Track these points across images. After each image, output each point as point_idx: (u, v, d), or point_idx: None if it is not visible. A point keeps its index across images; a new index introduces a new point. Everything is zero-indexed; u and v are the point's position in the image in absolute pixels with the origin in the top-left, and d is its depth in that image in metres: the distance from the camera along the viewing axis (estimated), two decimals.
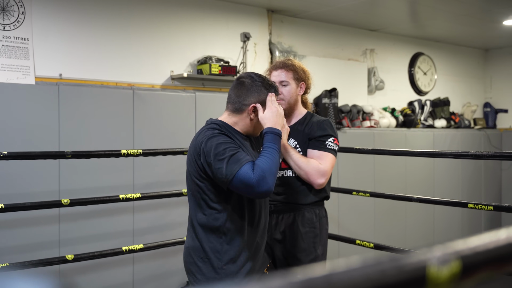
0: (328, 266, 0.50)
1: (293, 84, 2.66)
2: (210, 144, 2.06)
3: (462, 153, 3.56)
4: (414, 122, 6.57)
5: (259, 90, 2.20)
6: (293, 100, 2.67)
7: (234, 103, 2.23)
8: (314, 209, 2.63)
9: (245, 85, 2.21)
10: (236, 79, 2.30)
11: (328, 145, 2.56)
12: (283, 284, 0.46)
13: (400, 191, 5.49)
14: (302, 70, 2.69)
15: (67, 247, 3.82)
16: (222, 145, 2.05)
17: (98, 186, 3.98)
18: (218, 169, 2.02)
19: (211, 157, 2.04)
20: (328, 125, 2.62)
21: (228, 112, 2.25)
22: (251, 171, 1.98)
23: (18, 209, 3.26)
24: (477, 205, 3.30)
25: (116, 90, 4.24)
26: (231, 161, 2.00)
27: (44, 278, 0.39)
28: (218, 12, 4.97)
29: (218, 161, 2.02)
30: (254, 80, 2.22)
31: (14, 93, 3.74)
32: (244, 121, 2.21)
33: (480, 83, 8.03)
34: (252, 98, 2.19)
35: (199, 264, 2.16)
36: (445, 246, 0.58)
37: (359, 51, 6.35)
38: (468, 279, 0.59)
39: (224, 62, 4.79)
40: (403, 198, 4.13)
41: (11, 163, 3.52)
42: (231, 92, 2.26)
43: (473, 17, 5.95)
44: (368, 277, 0.51)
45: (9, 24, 3.79)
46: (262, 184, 1.97)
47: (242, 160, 2.01)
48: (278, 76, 2.66)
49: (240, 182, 1.99)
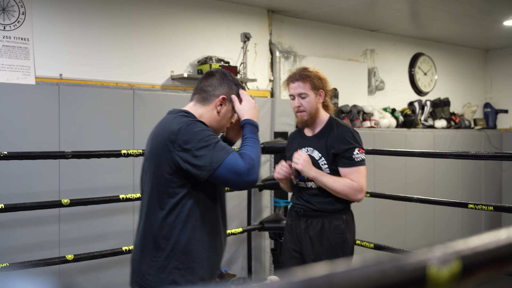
0: (328, 266, 0.50)
1: (312, 94, 2.68)
2: (191, 130, 1.91)
3: (462, 154, 3.57)
4: (415, 123, 6.57)
5: (230, 84, 2.12)
6: (314, 110, 2.70)
7: (202, 92, 2.10)
8: (341, 215, 2.70)
9: (216, 77, 2.12)
10: (206, 72, 2.20)
11: (356, 158, 2.62)
12: (284, 284, 0.46)
13: (400, 191, 5.49)
14: (318, 78, 2.71)
15: (67, 247, 3.82)
16: (205, 131, 1.93)
17: (98, 186, 3.98)
18: (201, 157, 1.88)
19: (191, 143, 1.89)
20: (349, 136, 2.66)
21: (193, 103, 2.11)
22: (240, 159, 1.90)
23: (18, 209, 3.26)
24: (477, 206, 3.30)
25: (116, 90, 4.25)
26: (217, 147, 1.90)
27: (44, 278, 0.39)
28: (219, 13, 4.97)
29: (201, 148, 1.88)
30: (226, 74, 2.14)
31: (14, 93, 3.74)
32: (211, 113, 2.08)
33: (480, 84, 8.03)
34: (222, 89, 2.09)
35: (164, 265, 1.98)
36: (445, 246, 0.58)
37: (360, 51, 6.35)
38: (469, 279, 0.59)
39: (225, 63, 4.79)
40: (403, 198, 4.13)
41: (12, 163, 3.52)
42: (199, 83, 2.14)
43: (473, 18, 5.95)
44: (368, 277, 0.51)
45: (9, 24, 3.79)
46: (251, 172, 1.90)
47: (227, 148, 1.92)
48: (296, 88, 2.69)
49: (228, 170, 1.88)
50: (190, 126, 1.93)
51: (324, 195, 2.68)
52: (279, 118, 5.10)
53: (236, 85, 2.14)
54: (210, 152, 1.88)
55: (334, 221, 2.68)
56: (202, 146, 1.89)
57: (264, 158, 4.99)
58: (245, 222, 4.92)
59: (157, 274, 1.98)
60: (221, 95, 2.08)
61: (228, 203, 4.74)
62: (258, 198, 5.02)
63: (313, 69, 2.75)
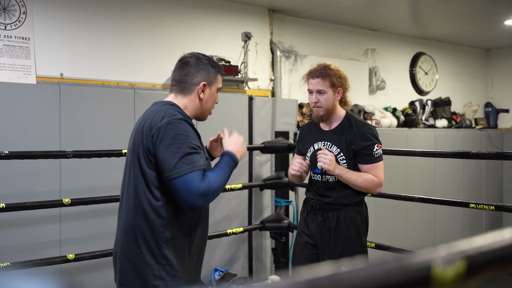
0: (333, 266, 0.50)
1: (330, 92, 2.72)
2: (171, 129, 1.89)
3: (463, 153, 3.56)
4: (415, 122, 6.57)
5: (207, 68, 2.07)
6: (331, 106, 2.74)
7: (180, 83, 2.07)
8: (356, 207, 2.77)
9: (191, 64, 2.07)
10: (179, 60, 2.13)
11: (375, 154, 2.71)
12: (289, 284, 0.45)
13: (401, 191, 5.48)
14: (338, 77, 2.75)
15: (68, 247, 3.82)
16: (182, 137, 1.89)
17: (99, 186, 3.98)
18: (166, 160, 1.86)
19: (164, 141, 1.88)
20: (369, 132, 2.72)
21: (174, 95, 2.08)
22: (199, 180, 1.85)
23: (19, 209, 3.26)
24: (478, 205, 3.30)
25: (117, 89, 4.24)
26: (185, 159, 1.86)
27: (47, 278, 0.39)
28: (219, 12, 4.96)
29: (170, 152, 1.86)
30: (200, 58, 2.09)
31: (15, 92, 3.74)
32: (193, 102, 2.06)
33: (481, 83, 8.03)
34: (200, 76, 2.06)
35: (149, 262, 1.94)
36: (450, 246, 0.58)
37: (360, 51, 6.34)
38: (473, 279, 0.58)
39: (226, 62, 4.79)
40: (404, 198, 4.12)
41: (12, 163, 3.52)
42: (175, 73, 2.10)
43: (474, 17, 5.95)
44: (373, 277, 0.50)
45: (10, 23, 3.79)
46: (201, 198, 1.85)
47: (195, 164, 1.87)
48: (315, 85, 2.73)
49: (183, 186, 1.84)
50: (174, 125, 1.90)
51: (341, 189, 2.75)
52: (280, 117, 5.09)
53: (213, 67, 2.10)
54: (175, 161, 1.85)
55: (349, 213, 2.75)
56: (172, 151, 1.86)
57: (265, 157, 4.99)
58: (246, 221, 4.92)
59: (140, 271, 1.94)
60: (201, 82, 2.06)
61: (229, 203, 4.76)
62: (259, 198, 5.02)
63: (334, 67, 2.79)
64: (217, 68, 2.12)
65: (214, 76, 2.10)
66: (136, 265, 1.94)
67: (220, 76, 2.14)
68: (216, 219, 4.59)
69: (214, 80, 2.11)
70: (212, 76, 2.09)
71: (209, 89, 2.09)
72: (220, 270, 4.57)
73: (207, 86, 2.08)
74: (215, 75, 2.10)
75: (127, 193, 2.04)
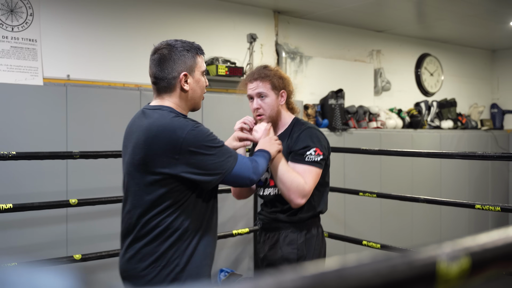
0: (339, 261, 0.51)
1: (273, 95, 2.40)
2: (192, 139, 1.82)
3: (469, 154, 3.55)
4: (421, 123, 6.56)
5: (182, 55, 1.93)
6: (275, 112, 2.42)
7: (160, 80, 1.94)
8: (301, 228, 2.38)
9: (164, 55, 1.93)
10: (152, 53, 1.99)
11: (308, 157, 2.30)
12: (296, 278, 0.46)
13: (407, 192, 5.49)
14: (279, 77, 2.43)
15: (75, 247, 3.84)
16: (205, 136, 1.87)
17: (106, 186, 4.00)
18: (208, 165, 1.85)
19: (194, 153, 1.82)
20: (308, 135, 2.35)
21: (159, 97, 1.98)
22: (248, 162, 1.99)
23: (26, 209, 3.28)
24: (484, 206, 3.29)
25: (123, 91, 4.26)
26: (224, 155, 1.91)
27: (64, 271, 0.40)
28: (225, 13, 4.98)
29: (207, 156, 1.85)
30: (173, 45, 1.95)
31: (22, 94, 3.76)
32: (181, 97, 1.96)
33: (487, 84, 8.01)
34: (178, 67, 1.93)
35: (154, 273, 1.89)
36: (455, 243, 0.59)
37: (366, 52, 6.34)
38: (478, 275, 0.59)
39: (231, 63, 4.80)
40: (409, 198, 4.12)
41: (20, 164, 3.54)
42: (152, 68, 1.96)
43: (480, 18, 5.94)
44: (379, 272, 0.51)
45: (17, 25, 3.82)
46: (255, 174, 1.99)
47: (232, 153, 1.95)
48: (255, 88, 2.41)
49: (239, 173, 1.94)
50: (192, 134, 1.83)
51: (283, 202, 2.38)
52: None
53: (189, 51, 1.96)
54: (219, 158, 1.90)
55: (290, 235, 2.38)
56: (209, 153, 1.86)
57: None
58: (251, 222, 4.92)
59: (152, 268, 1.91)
60: (181, 73, 1.94)
61: (234, 204, 4.77)
62: None
63: (273, 68, 2.48)
64: (194, 50, 1.98)
65: (193, 60, 1.96)
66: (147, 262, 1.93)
67: (200, 57, 2.00)
68: (221, 220, 4.59)
69: (195, 65, 1.97)
70: (191, 61, 1.95)
71: (192, 76, 1.96)
72: (226, 270, 4.58)
73: (189, 75, 1.95)
74: (193, 59, 1.96)
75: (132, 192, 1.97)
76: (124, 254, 2.00)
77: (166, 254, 1.89)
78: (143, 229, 1.91)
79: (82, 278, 0.40)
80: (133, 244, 1.95)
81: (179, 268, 1.90)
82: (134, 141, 1.95)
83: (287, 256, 2.36)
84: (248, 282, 0.45)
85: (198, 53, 2.00)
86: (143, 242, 1.92)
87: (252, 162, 2.01)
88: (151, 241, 1.90)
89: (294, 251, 2.35)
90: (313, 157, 2.30)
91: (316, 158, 2.30)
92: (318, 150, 2.31)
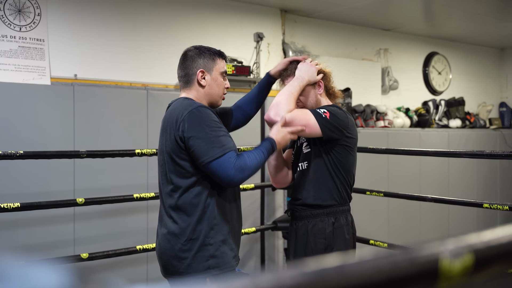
0: (340, 257, 0.50)
1: (309, 88, 2.43)
2: (194, 118, 2.00)
3: (477, 153, 3.53)
4: (429, 122, 6.53)
5: (203, 55, 2.17)
6: (314, 102, 2.45)
7: (183, 77, 2.20)
8: (329, 217, 2.37)
9: (189, 55, 2.18)
10: (182, 54, 2.24)
11: (317, 111, 2.30)
12: (296, 274, 0.46)
13: (414, 191, 5.46)
14: None
15: (82, 246, 3.85)
16: (207, 122, 2.00)
17: (113, 186, 4.01)
18: (198, 147, 1.97)
19: (191, 130, 1.98)
20: (326, 106, 2.37)
21: (183, 91, 2.21)
22: (233, 158, 1.98)
23: (34, 208, 3.29)
24: (492, 205, 3.27)
25: (130, 90, 4.27)
26: (215, 143, 1.97)
27: (60, 268, 0.40)
28: (232, 13, 4.98)
29: (199, 139, 1.97)
30: (200, 48, 2.19)
31: (30, 93, 3.78)
32: (199, 91, 2.17)
33: (495, 83, 7.96)
34: (197, 64, 2.16)
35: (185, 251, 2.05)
36: (458, 240, 0.58)
37: (373, 50, 6.32)
38: (481, 273, 0.59)
39: (238, 62, 4.80)
40: (417, 198, 4.10)
41: (27, 163, 3.56)
42: (178, 69, 2.22)
43: (488, 16, 5.90)
44: (380, 269, 0.51)
45: (25, 25, 3.83)
46: (238, 172, 1.97)
47: (226, 146, 1.99)
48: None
49: (219, 166, 1.96)
50: (194, 113, 2.00)
51: (307, 183, 2.38)
52: None
53: (212, 53, 2.18)
54: (208, 146, 1.96)
55: (319, 224, 2.36)
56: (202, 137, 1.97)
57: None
58: (258, 221, 4.92)
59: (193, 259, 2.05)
60: (198, 69, 2.15)
61: (242, 203, 4.76)
62: (271, 198, 5.02)
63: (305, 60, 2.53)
64: (217, 53, 2.20)
65: (212, 61, 2.18)
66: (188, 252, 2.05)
67: (220, 60, 2.21)
68: None
69: (213, 65, 2.18)
70: (210, 61, 2.17)
71: (210, 74, 2.17)
72: None
73: (206, 72, 2.16)
74: (213, 60, 2.18)
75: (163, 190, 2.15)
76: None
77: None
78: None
79: (78, 275, 0.39)
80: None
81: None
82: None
83: (315, 246, 2.35)
84: (247, 278, 0.44)
85: (220, 55, 2.21)
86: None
87: (241, 160, 1.98)
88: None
89: (322, 241, 2.34)
90: (320, 112, 2.28)
91: (322, 114, 2.28)
92: (327, 113, 2.29)
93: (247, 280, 0.44)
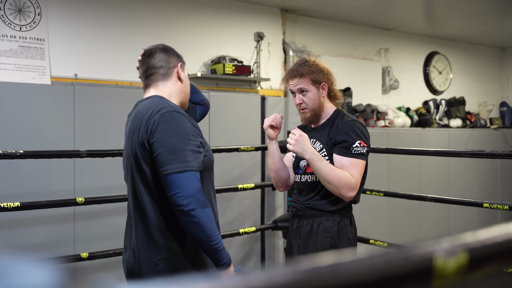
0: (334, 255, 0.50)
1: (313, 90, 2.47)
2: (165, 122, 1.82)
3: (477, 152, 3.52)
4: (429, 122, 6.52)
5: (175, 54, 2.08)
6: (317, 105, 2.49)
7: (158, 69, 2.01)
8: (335, 216, 2.45)
9: (160, 51, 2.04)
10: (144, 53, 2.08)
11: (354, 150, 2.36)
12: (288, 272, 0.46)
13: (415, 190, 5.45)
14: (319, 71, 2.49)
15: (82, 245, 3.86)
16: (176, 130, 1.81)
17: (113, 185, 4.01)
18: (159, 154, 1.80)
19: (157, 135, 1.81)
20: (350, 128, 2.40)
21: (153, 86, 2.02)
22: (187, 183, 1.77)
23: (34, 208, 3.30)
24: (492, 205, 3.27)
25: (130, 90, 4.27)
26: (178, 156, 1.78)
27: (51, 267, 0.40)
28: (232, 12, 4.98)
29: (163, 147, 1.79)
30: (166, 46, 2.08)
31: (30, 93, 3.78)
32: (176, 86, 2.03)
33: (496, 82, 7.95)
34: (174, 59, 2.05)
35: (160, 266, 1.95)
36: (453, 238, 0.58)
37: (374, 50, 6.32)
38: (476, 271, 0.58)
39: (238, 62, 4.80)
40: (417, 197, 4.10)
41: (27, 162, 3.56)
42: (145, 64, 2.03)
43: (489, 16, 5.89)
44: (374, 267, 0.51)
45: (25, 25, 3.83)
46: (193, 202, 1.77)
47: (187, 164, 1.79)
48: (295, 84, 2.49)
49: (171, 184, 1.78)
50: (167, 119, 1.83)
51: (318, 190, 2.46)
52: (293, 117, 5.09)
53: (178, 55, 2.10)
54: (171, 157, 1.79)
55: (324, 223, 2.44)
56: (166, 145, 1.80)
57: None
58: (258, 221, 4.92)
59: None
60: (178, 63, 2.06)
61: (242, 202, 4.77)
62: (272, 197, 5.02)
63: (312, 62, 2.54)
64: (181, 59, 2.11)
65: (183, 61, 2.11)
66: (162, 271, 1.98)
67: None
68: (228, 219, 4.60)
69: (183, 64, 2.10)
70: (182, 60, 2.10)
71: (183, 72, 2.08)
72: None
73: (182, 66, 2.08)
74: (183, 60, 2.11)
75: (134, 203, 2.04)
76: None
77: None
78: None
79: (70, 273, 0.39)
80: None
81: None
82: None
83: (320, 244, 2.43)
84: (239, 277, 0.44)
85: (182, 62, 2.12)
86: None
87: (202, 195, 1.79)
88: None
89: (327, 239, 2.42)
90: (359, 149, 2.38)
91: (361, 150, 2.38)
92: (363, 143, 2.39)
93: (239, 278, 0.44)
